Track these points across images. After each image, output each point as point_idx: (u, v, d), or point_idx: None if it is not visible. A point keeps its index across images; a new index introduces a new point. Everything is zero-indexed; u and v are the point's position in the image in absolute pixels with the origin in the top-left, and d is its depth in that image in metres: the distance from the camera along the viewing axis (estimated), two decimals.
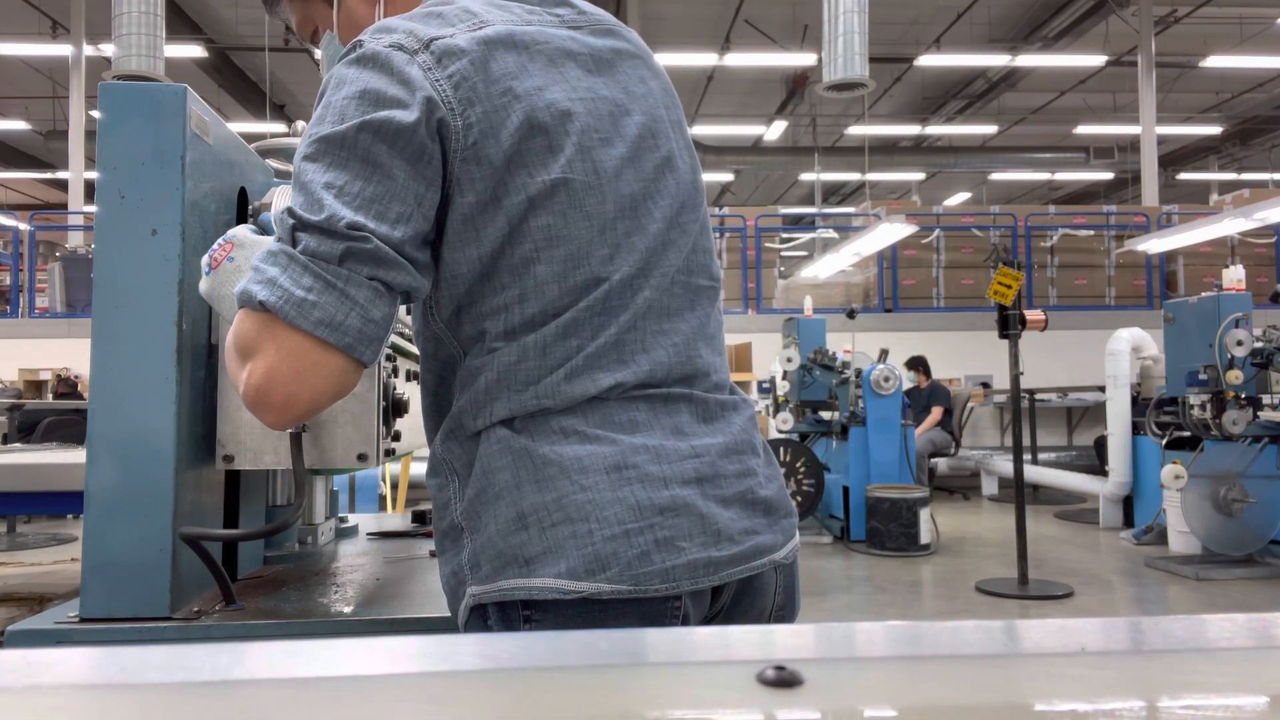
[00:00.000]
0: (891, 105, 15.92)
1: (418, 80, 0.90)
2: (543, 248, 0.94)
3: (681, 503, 0.92)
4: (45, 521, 7.75)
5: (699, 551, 0.91)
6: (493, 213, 0.93)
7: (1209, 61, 13.20)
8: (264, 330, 0.86)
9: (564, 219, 0.94)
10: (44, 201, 19.50)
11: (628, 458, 0.92)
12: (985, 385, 10.02)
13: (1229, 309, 5.56)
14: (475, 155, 0.92)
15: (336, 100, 0.90)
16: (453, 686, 0.44)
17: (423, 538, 1.68)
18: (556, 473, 0.91)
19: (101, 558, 1.09)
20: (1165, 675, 0.47)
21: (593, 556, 0.89)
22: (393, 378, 1.33)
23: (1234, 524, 5.52)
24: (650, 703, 0.43)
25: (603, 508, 0.90)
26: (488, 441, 0.94)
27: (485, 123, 0.92)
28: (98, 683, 0.45)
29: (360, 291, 0.86)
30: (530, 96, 0.95)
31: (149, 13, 7.99)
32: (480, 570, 0.92)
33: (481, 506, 0.93)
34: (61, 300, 10.23)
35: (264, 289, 0.85)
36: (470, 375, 0.96)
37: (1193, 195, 19.04)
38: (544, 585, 0.89)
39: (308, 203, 0.87)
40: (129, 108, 1.13)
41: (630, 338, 0.96)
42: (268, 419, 0.90)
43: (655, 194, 1.01)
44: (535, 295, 0.94)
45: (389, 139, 0.88)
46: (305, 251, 0.85)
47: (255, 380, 0.86)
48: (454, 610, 0.98)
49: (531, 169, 0.93)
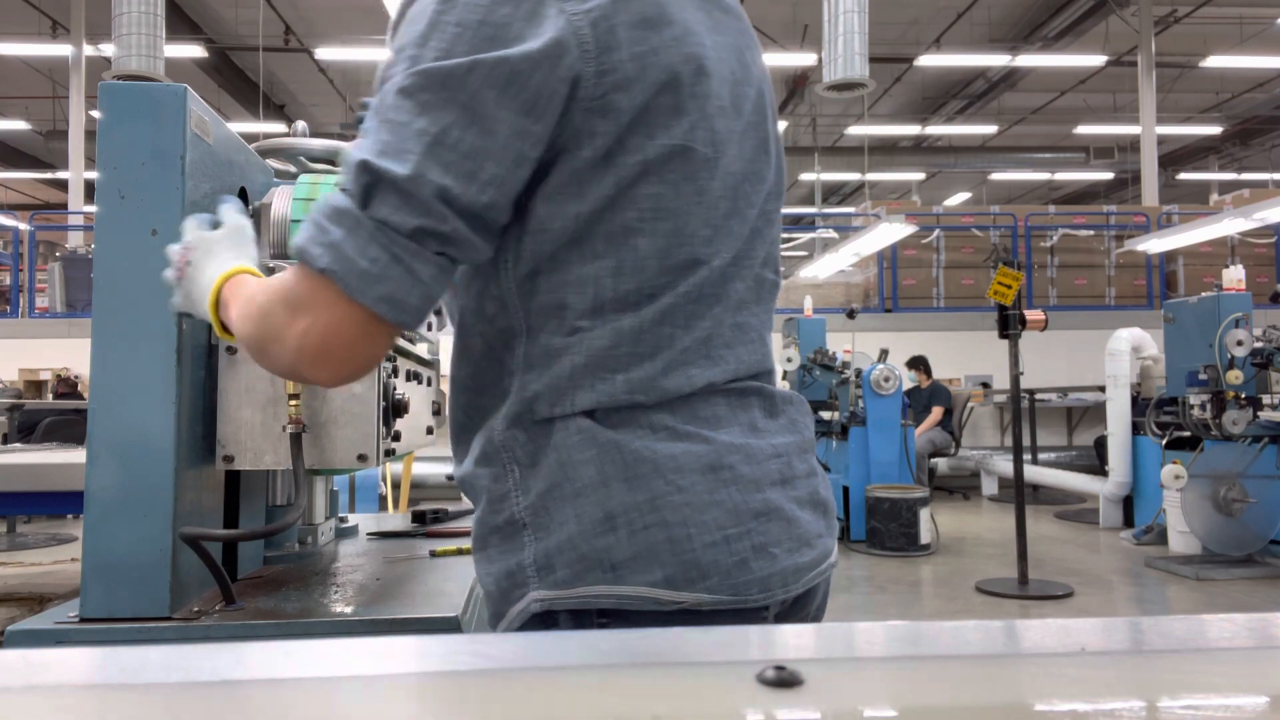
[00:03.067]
0: (891, 105, 15.92)
1: (549, 13, 0.79)
2: (648, 218, 0.85)
3: (772, 506, 0.88)
4: (45, 521, 7.75)
5: (788, 558, 0.87)
6: (601, 172, 0.83)
7: (1209, 61, 13.19)
8: (323, 293, 0.79)
9: (675, 190, 0.85)
10: (44, 201, 19.50)
11: (722, 458, 0.86)
12: (985, 385, 10.02)
13: (1229, 309, 5.56)
14: (603, 107, 0.81)
15: (446, 22, 0.78)
16: (453, 686, 0.44)
17: (423, 538, 1.68)
18: (650, 471, 0.84)
19: (101, 558, 1.09)
20: (1165, 675, 0.47)
21: (692, 564, 0.83)
22: (393, 378, 1.33)
23: (1234, 524, 5.52)
24: (650, 703, 0.43)
25: (701, 511, 0.84)
26: (565, 431, 0.85)
27: (620, 72, 0.81)
28: (98, 683, 0.45)
29: (426, 268, 0.79)
30: (669, 47, 0.83)
31: (149, 13, 7.99)
32: (554, 573, 0.84)
33: (556, 503, 0.84)
34: (61, 300, 10.23)
35: (326, 254, 0.77)
36: (547, 355, 0.86)
37: (1193, 195, 19.04)
38: (637, 594, 0.82)
39: (393, 146, 0.76)
40: (129, 108, 1.13)
41: (719, 331, 0.90)
42: (319, 377, 0.84)
43: (754, 177, 0.94)
44: (633, 270, 0.85)
45: (500, 85, 0.77)
46: (375, 218, 0.76)
47: (312, 341, 0.81)
48: (500, 612, 0.89)
49: (652, 129, 0.83)
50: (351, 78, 14.53)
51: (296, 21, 12.78)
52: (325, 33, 12.90)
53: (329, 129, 15.31)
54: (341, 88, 14.76)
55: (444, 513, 1.85)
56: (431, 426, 1.72)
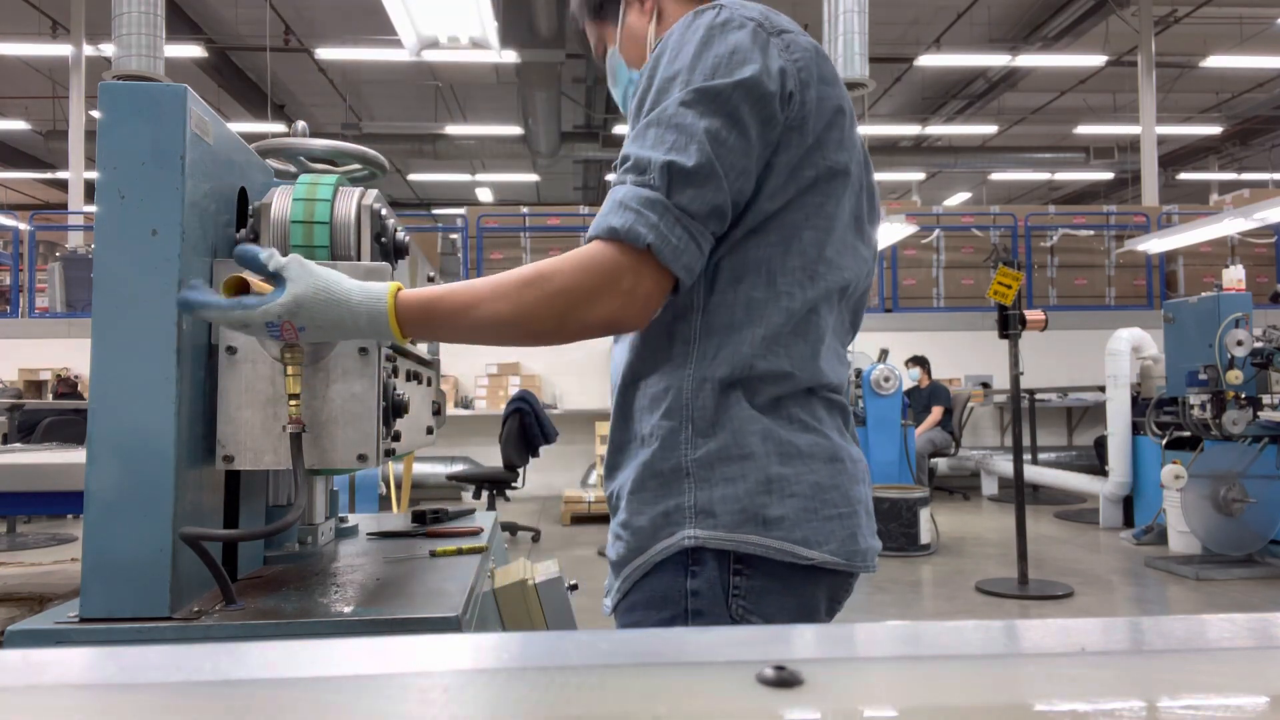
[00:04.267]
0: (891, 105, 15.92)
1: (775, 56, 1.05)
2: (812, 216, 1.08)
3: (862, 498, 1.12)
4: (45, 521, 7.75)
5: (872, 539, 1.12)
6: (785, 178, 1.06)
7: (1209, 61, 13.19)
8: (640, 265, 0.99)
9: (834, 201, 1.09)
10: (44, 201, 19.50)
11: (837, 453, 1.09)
12: (985, 385, 10.02)
13: (1229, 309, 5.56)
14: (800, 125, 1.06)
15: (707, 55, 1.03)
16: (453, 686, 0.44)
17: (423, 538, 1.68)
18: (794, 453, 1.06)
19: (101, 558, 1.09)
20: (1165, 675, 0.47)
21: (821, 530, 1.05)
22: (393, 378, 1.33)
23: (1234, 524, 5.52)
24: (650, 703, 0.43)
25: (825, 491, 1.06)
26: (740, 407, 1.05)
27: (812, 104, 1.07)
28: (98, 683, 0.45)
29: (707, 243, 1.03)
30: (841, 98, 1.12)
31: (149, 13, 7.98)
32: (715, 518, 1.03)
33: (725, 462, 1.04)
34: (61, 300, 10.23)
35: (650, 233, 0.98)
36: (729, 326, 1.06)
37: (1193, 195, 19.04)
38: (781, 547, 1.03)
39: (681, 142, 1.00)
40: (129, 108, 1.13)
41: (835, 341, 1.14)
42: (621, 328, 1.03)
43: (873, 215, 1.20)
44: (798, 253, 1.07)
45: (753, 101, 1.02)
46: (679, 206, 0.99)
47: (638, 298, 1.00)
48: (641, 547, 1.07)
49: (825, 151, 1.08)
50: (351, 78, 14.53)
51: (296, 21, 12.77)
52: (325, 33, 12.90)
53: (329, 129, 15.32)
54: (341, 88, 14.76)
55: (444, 513, 1.85)
56: (431, 426, 1.72)
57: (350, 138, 13.23)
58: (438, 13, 4.23)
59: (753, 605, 1.05)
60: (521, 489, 7.06)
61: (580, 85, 14.71)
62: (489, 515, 1.91)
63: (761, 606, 1.06)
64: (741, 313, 1.06)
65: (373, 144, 10.93)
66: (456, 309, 1.03)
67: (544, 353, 9.94)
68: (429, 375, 1.73)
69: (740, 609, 1.05)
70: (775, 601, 1.06)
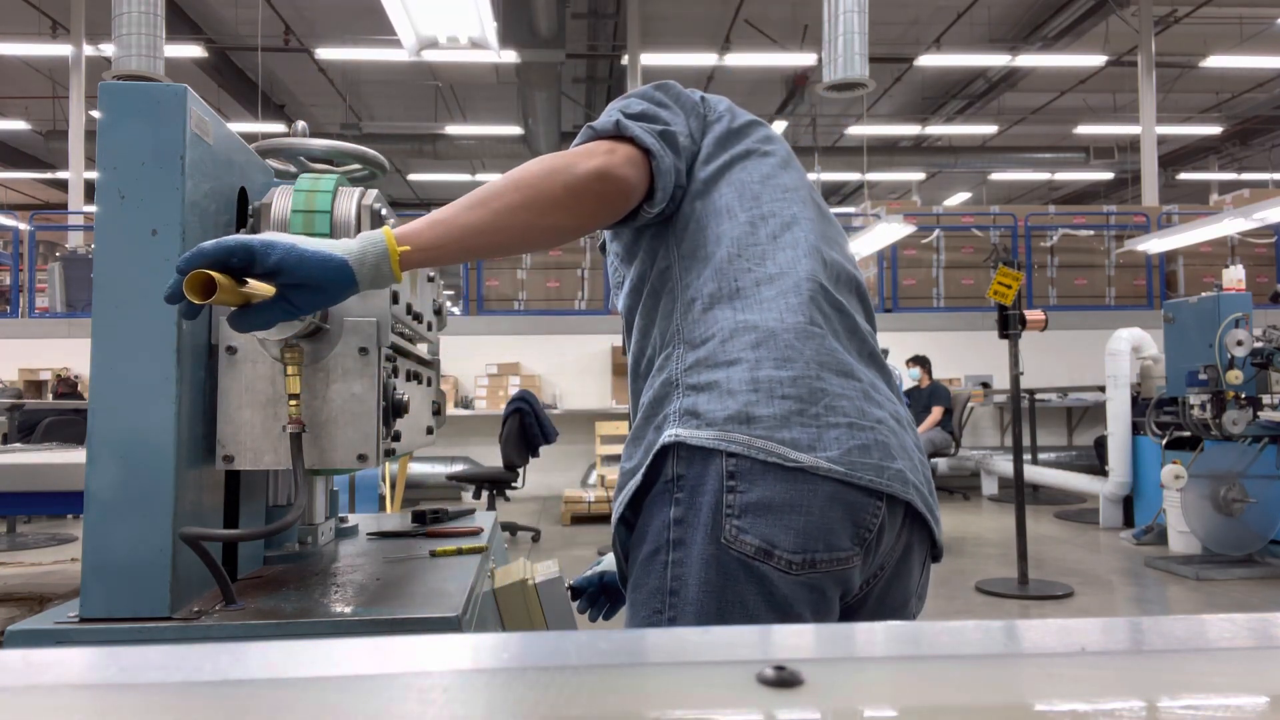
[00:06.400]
0: (891, 105, 15.92)
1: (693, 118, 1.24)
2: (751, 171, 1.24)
3: (892, 426, 1.05)
4: (45, 521, 7.75)
5: (904, 463, 1.02)
6: (713, 148, 1.22)
7: (1209, 61, 13.19)
8: (616, 143, 1.09)
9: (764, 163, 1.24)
10: (44, 201, 19.50)
11: (853, 370, 1.06)
12: (985, 385, 10.02)
13: (1229, 309, 5.55)
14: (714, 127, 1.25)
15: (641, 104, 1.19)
16: (453, 686, 0.44)
17: (423, 538, 1.68)
18: (794, 357, 1.03)
19: (101, 558, 1.09)
20: (1165, 675, 0.47)
21: (820, 437, 0.98)
22: (393, 378, 1.33)
23: (1234, 524, 5.52)
24: (650, 703, 0.43)
25: (831, 398, 1.01)
26: (728, 313, 1.08)
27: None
28: (98, 683, 0.45)
29: (663, 145, 1.13)
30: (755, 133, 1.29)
31: (149, 13, 7.98)
32: (699, 418, 1.02)
33: (712, 368, 1.04)
34: (61, 300, 10.22)
35: (617, 120, 1.11)
36: (708, 257, 1.13)
37: (1193, 195, 19.03)
38: (766, 447, 0.96)
39: (623, 104, 1.17)
40: (129, 108, 1.13)
41: (829, 250, 1.24)
42: (612, 178, 1.07)
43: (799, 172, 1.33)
44: (750, 197, 1.20)
45: (673, 95, 1.22)
46: (641, 125, 1.12)
47: (617, 155, 1.08)
48: (633, 470, 1.07)
49: (745, 142, 1.25)
50: (351, 78, 14.53)
51: (296, 21, 12.77)
52: (325, 33, 12.89)
53: (329, 129, 15.32)
54: (341, 88, 14.76)
55: (444, 513, 1.85)
56: (431, 426, 1.72)
57: (350, 138, 13.22)
58: (437, 13, 4.23)
59: (747, 526, 0.95)
60: (521, 489, 7.06)
61: (580, 85, 14.71)
62: (489, 515, 1.91)
63: (758, 526, 0.94)
64: (714, 244, 1.12)
65: (373, 144, 10.94)
66: (457, 204, 1.04)
67: (544, 353, 9.95)
68: (429, 375, 1.73)
69: (734, 529, 0.95)
70: (776, 520, 0.94)
